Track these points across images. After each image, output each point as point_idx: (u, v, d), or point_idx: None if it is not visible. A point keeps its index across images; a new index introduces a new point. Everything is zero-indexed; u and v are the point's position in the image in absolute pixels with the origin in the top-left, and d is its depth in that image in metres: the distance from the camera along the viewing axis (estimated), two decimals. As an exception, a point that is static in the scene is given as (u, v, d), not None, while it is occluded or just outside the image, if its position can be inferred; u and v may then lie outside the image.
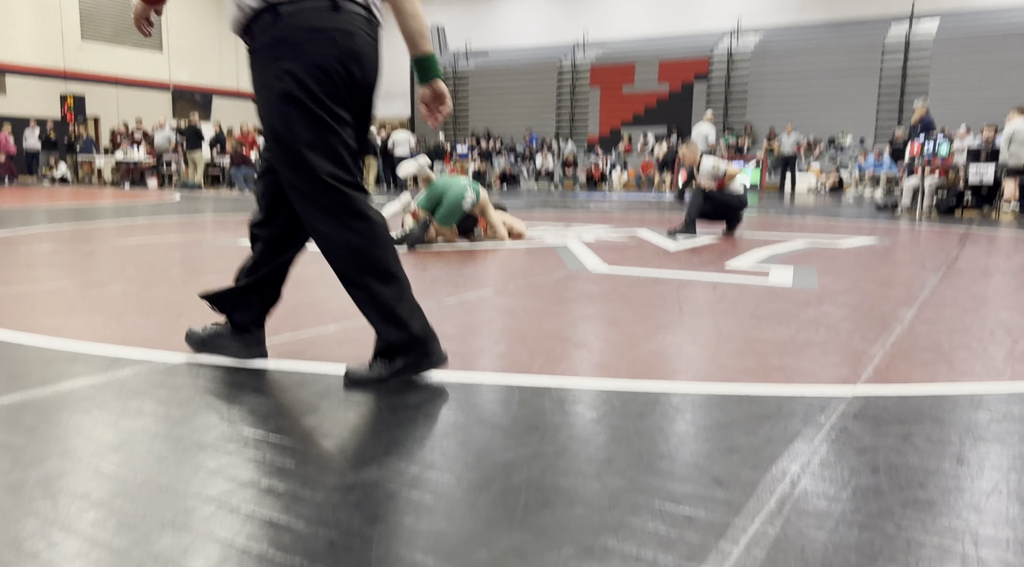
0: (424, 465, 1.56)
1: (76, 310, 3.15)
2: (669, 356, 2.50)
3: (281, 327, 2.85)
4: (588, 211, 10.81)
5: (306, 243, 2.38)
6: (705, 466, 1.57)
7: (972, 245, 6.25)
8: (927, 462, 1.60)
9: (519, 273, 4.40)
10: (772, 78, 22.89)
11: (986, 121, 14.30)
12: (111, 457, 1.59)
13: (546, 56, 26.97)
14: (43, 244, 5.63)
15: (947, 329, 2.93)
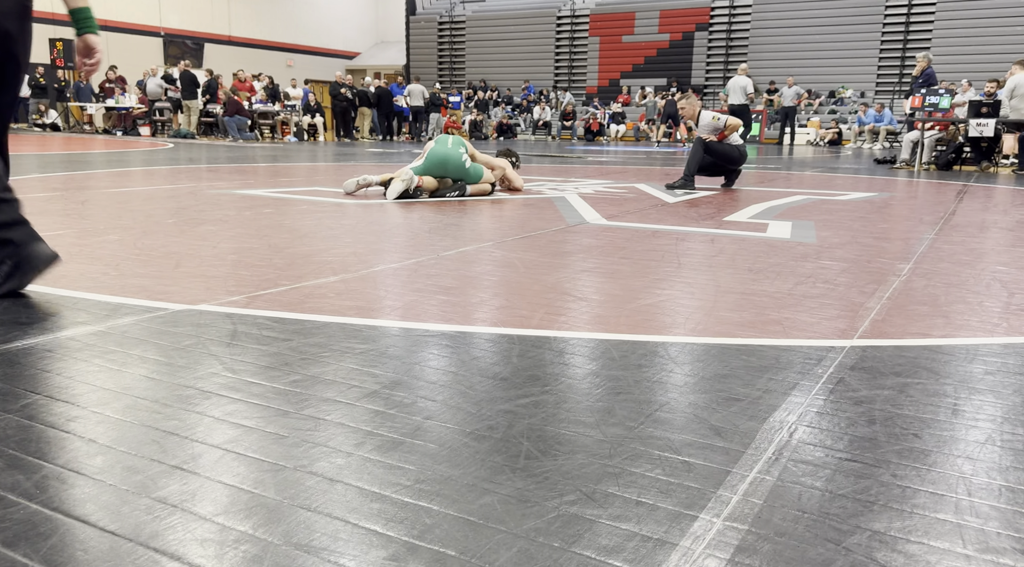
0: (426, 414, 1.58)
1: (74, 258, 3.14)
2: (668, 309, 2.51)
3: (280, 278, 2.85)
4: (586, 164, 10.73)
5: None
6: (704, 416, 1.59)
7: (970, 200, 6.24)
8: (922, 413, 1.62)
9: (517, 226, 4.39)
10: (774, 29, 22.51)
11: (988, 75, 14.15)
12: (115, 404, 1.60)
13: (545, 3, 26.42)
14: (37, 192, 5.57)
15: (944, 283, 2.95)
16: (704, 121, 7.02)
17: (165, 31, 23.54)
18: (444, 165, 5.85)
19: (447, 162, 5.85)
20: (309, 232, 3.96)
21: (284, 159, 10.56)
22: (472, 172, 5.91)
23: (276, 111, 18.29)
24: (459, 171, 5.86)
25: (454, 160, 5.86)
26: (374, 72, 28.24)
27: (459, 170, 5.86)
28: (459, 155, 5.89)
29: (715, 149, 6.98)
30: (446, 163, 5.85)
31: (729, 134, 6.97)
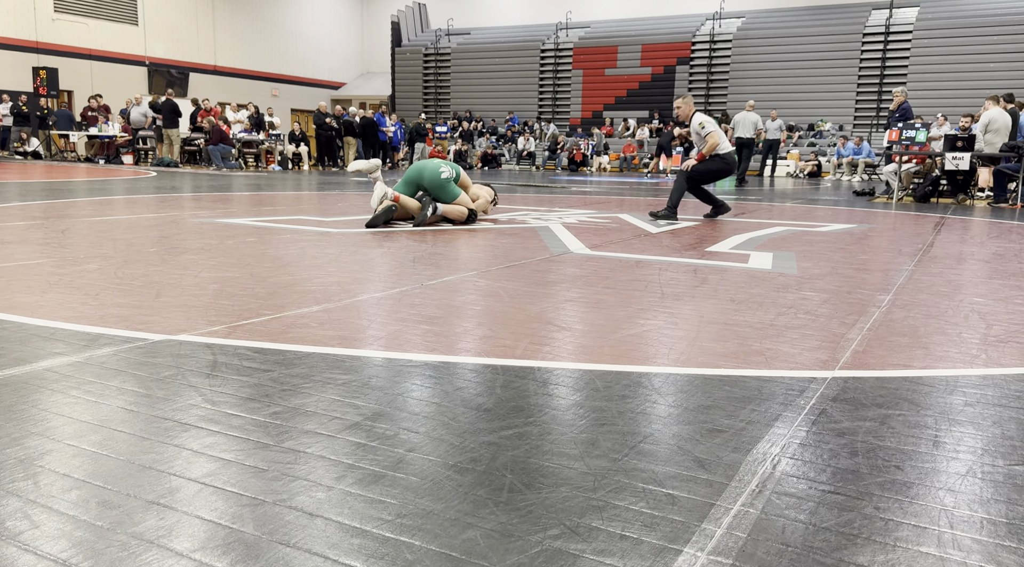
0: (409, 447, 1.56)
1: (52, 288, 3.10)
2: (651, 339, 2.52)
3: (262, 307, 2.83)
4: (570, 194, 10.81)
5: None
6: (687, 448, 1.59)
7: (947, 231, 6.34)
8: (904, 445, 1.63)
9: (502, 255, 4.40)
10: (753, 63, 22.94)
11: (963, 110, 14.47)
12: (92, 436, 1.57)
13: (529, 36, 26.79)
14: (16, 220, 5.52)
15: (923, 314, 2.98)
16: (693, 124, 7.11)
17: (150, 60, 23.59)
18: (420, 174, 5.92)
19: (423, 171, 5.93)
20: (292, 261, 3.94)
21: (268, 188, 10.55)
22: (449, 189, 5.93)
23: (260, 140, 18.31)
24: (433, 181, 5.88)
25: (430, 170, 5.93)
26: (359, 102, 28.41)
27: (434, 180, 5.88)
28: (436, 167, 5.97)
29: (701, 173, 7.06)
30: (422, 172, 5.93)
31: (708, 153, 7.02)
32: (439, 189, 5.91)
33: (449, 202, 5.93)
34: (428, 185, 5.91)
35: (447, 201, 5.93)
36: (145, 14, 23.33)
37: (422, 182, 5.93)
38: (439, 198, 5.94)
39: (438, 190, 5.91)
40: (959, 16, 20.86)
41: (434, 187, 5.90)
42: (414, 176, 5.97)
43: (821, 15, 22.86)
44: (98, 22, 22.13)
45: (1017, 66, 19.41)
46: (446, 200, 5.93)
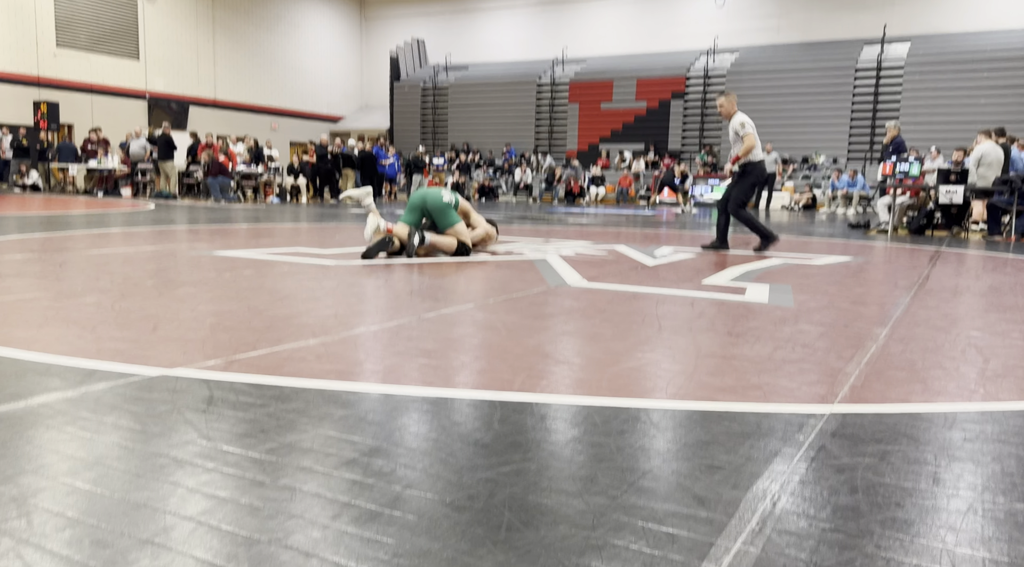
0: (406, 483, 1.55)
1: (49, 322, 3.09)
2: (649, 373, 2.51)
3: (259, 341, 2.83)
4: (567, 226, 10.86)
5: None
6: (687, 485, 1.57)
7: (943, 264, 6.37)
8: (904, 481, 1.62)
9: (499, 287, 4.40)
10: (747, 97, 23.19)
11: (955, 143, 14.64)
12: (87, 474, 1.56)
13: (525, 71, 27.14)
14: (14, 253, 5.53)
15: (920, 348, 2.98)
16: (734, 122, 7.15)
17: (150, 94, 23.83)
18: (423, 199, 6.07)
19: (426, 197, 6.09)
20: (289, 294, 3.94)
21: (266, 220, 10.59)
22: (449, 214, 6.03)
23: (259, 173, 18.42)
24: (436, 205, 6.02)
25: (433, 195, 6.09)
26: (358, 135, 28.66)
27: (437, 204, 6.02)
28: (438, 192, 6.12)
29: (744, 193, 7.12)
30: (425, 197, 6.09)
31: (743, 155, 7.07)
32: (441, 213, 6.02)
33: (448, 227, 6.01)
34: (431, 209, 6.04)
35: (447, 226, 6.03)
36: (147, 49, 23.62)
37: (426, 207, 6.07)
38: (440, 223, 6.03)
39: (440, 214, 6.03)
40: (949, 52, 21.20)
41: (437, 211, 6.03)
42: (418, 202, 6.10)
43: (813, 50, 23.23)
44: (100, 57, 22.39)
45: (1007, 101, 19.69)
46: (446, 225, 6.03)
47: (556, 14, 27.67)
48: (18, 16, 20.43)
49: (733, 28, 24.63)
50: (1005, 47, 20.47)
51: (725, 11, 24.38)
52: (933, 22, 22.26)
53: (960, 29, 21.88)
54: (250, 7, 26.89)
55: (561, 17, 27.58)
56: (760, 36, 24.49)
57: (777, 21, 24.34)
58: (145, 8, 23.45)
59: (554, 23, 27.66)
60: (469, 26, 29.37)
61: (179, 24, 24.53)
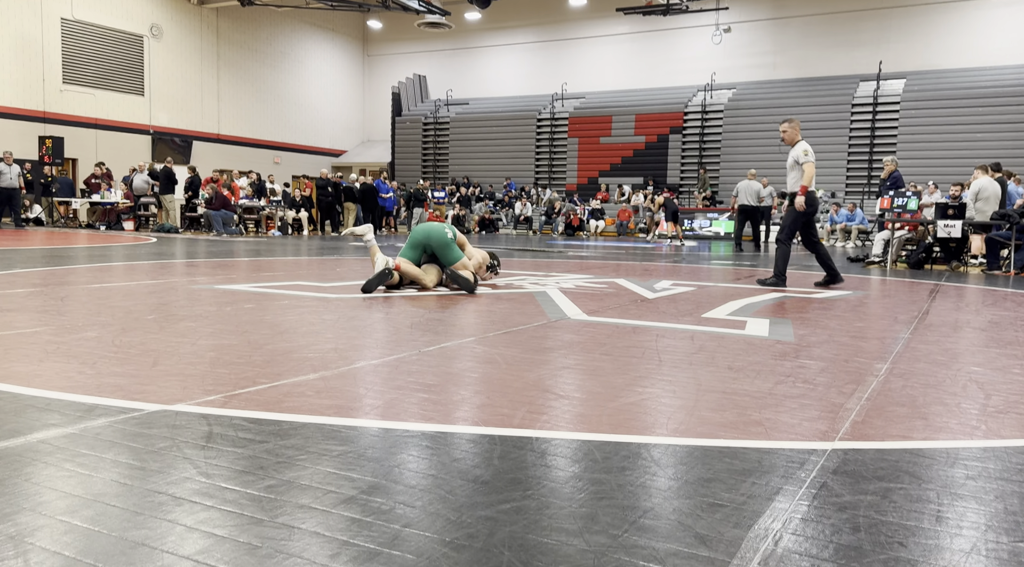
0: (405, 522, 1.54)
1: (49, 356, 3.09)
2: (650, 408, 2.51)
3: (259, 376, 2.82)
4: (567, 258, 10.90)
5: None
6: (688, 523, 1.56)
7: (942, 299, 6.38)
8: (906, 519, 1.61)
9: (499, 321, 4.41)
10: (745, 132, 23.47)
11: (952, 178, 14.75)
12: (85, 512, 1.55)
13: (525, 106, 27.48)
14: (15, 288, 5.54)
15: (921, 384, 2.98)
16: (797, 150, 7.08)
17: (154, 129, 24.08)
18: (427, 236, 6.05)
19: (429, 233, 6.08)
20: (290, 328, 3.95)
21: (267, 253, 10.63)
22: (453, 250, 6.04)
23: (262, 206, 18.54)
24: (441, 241, 6.00)
25: (436, 230, 6.09)
26: (359, 169, 28.91)
27: (441, 240, 6.00)
28: (441, 228, 6.13)
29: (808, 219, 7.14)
30: (428, 233, 6.07)
31: (808, 184, 6.97)
32: (444, 249, 6.02)
33: (452, 263, 6.02)
34: (435, 245, 6.03)
35: (451, 262, 6.02)
36: (151, 85, 23.94)
37: (429, 243, 6.06)
38: (443, 259, 6.04)
39: (444, 249, 6.02)
40: (944, 88, 21.48)
41: (440, 247, 6.02)
42: (421, 238, 6.09)
43: (810, 86, 23.53)
44: (105, 93, 22.69)
45: (1003, 136, 19.90)
46: (450, 261, 6.03)
47: (556, 51, 28.10)
48: (26, 53, 20.75)
49: (730, 64, 24.99)
50: (999, 84, 20.75)
51: (722, 48, 24.75)
52: (928, 59, 22.59)
53: (954, 66, 22.20)
54: (254, 44, 27.32)
55: (561, 54, 28.00)
56: (757, 72, 24.83)
57: (774, 58, 24.70)
58: (151, 45, 23.81)
59: (554, 59, 28.07)
60: (470, 62, 29.82)
61: (184, 61, 24.90)
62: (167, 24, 24.25)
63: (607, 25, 26.69)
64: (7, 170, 17.56)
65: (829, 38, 23.81)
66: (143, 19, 23.50)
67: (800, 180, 7.02)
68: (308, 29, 29.34)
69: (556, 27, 27.96)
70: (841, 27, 23.60)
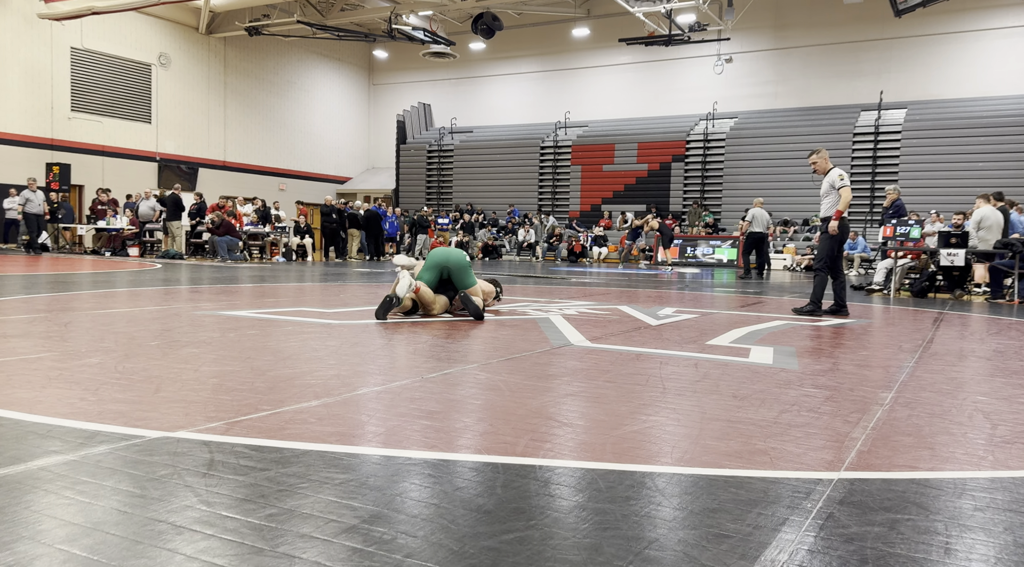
0: (406, 552, 1.52)
1: (52, 382, 3.09)
2: (654, 436, 2.49)
3: (261, 402, 2.82)
4: (569, 285, 10.90)
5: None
6: (694, 554, 1.55)
7: (946, 327, 6.35)
8: (914, 551, 1.59)
9: (502, 347, 4.40)
10: (747, 161, 23.61)
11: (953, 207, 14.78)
12: (84, 540, 1.54)
13: (529, 134, 27.70)
14: (19, 314, 5.56)
15: (927, 413, 2.96)
16: (832, 176, 7.11)
17: (161, 156, 24.30)
18: (447, 258, 6.09)
19: (448, 256, 6.12)
20: (293, 354, 3.94)
21: (271, 280, 10.65)
22: (471, 274, 6.13)
23: (266, 232, 18.64)
24: (460, 265, 6.06)
25: (456, 255, 6.15)
26: (364, 196, 29.10)
27: (460, 264, 6.07)
28: (461, 252, 6.22)
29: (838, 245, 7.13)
30: (448, 257, 6.12)
31: (844, 209, 7.01)
32: (463, 272, 6.08)
33: (467, 287, 6.08)
34: (453, 268, 6.07)
35: (466, 287, 6.08)
36: (159, 113, 24.20)
37: (448, 265, 6.09)
38: (460, 283, 6.09)
39: (462, 273, 6.07)
40: (945, 118, 21.62)
41: (459, 270, 6.07)
42: (440, 260, 6.12)
43: (811, 115, 23.70)
44: (113, 120, 22.93)
45: (1004, 165, 19.98)
46: (466, 285, 6.09)
47: (559, 80, 28.38)
48: (35, 82, 21.02)
49: (732, 94, 25.21)
50: (1000, 114, 20.88)
51: (724, 77, 24.98)
52: (928, 89, 22.76)
53: (955, 95, 22.35)
54: (261, 74, 27.65)
55: (564, 83, 28.28)
56: (759, 101, 25.03)
57: (775, 87, 24.91)
58: (159, 74, 24.11)
59: (557, 88, 28.35)
60: (474, 91, 30.12)
61: (191, 89, 25.19)
62: (175, 53, 24.58)
63: (610, 55, 26.99)
64: (33, 197, 17.61)
65: (830, 68, 24.03)
66: (152, 48, 23.83)
67: (835, 205, 7.09)
68: (315, 59, 29.72)
69: (559, 57, 28.28)
70: (842, 57, 23.83)
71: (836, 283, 7.33)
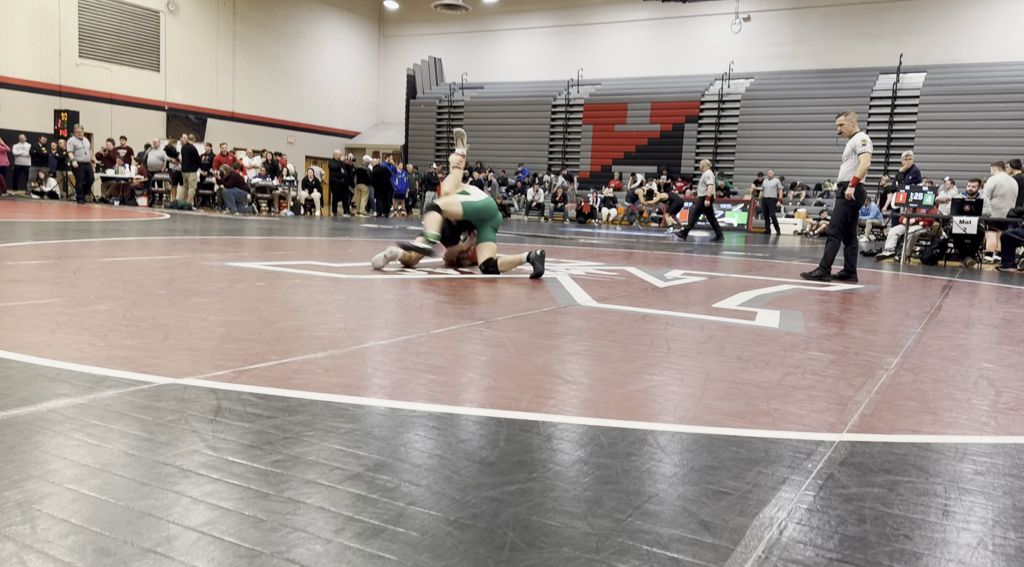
0: (409, 500, 1.55)
1: (61, 328, 3.12)
2: (657, 395, 2.50)
3: (268, 352, 2.83)
4: (578, 245, 10.87)
5: None
6: (693, 510, 1.56)
7: (955, 295, 6.33)
8: (913, 513, 1.60)
9: (508, 305, 4.40)
10: (761, 123, 23.28)
11: (969, 174, 14.60)
12: (92, 481, 1.56)
13: (540, 92, 27.34)
14: (29, 259, 5.58)
15: (931, 378, 2.96)
16: (855, 140, 7.09)
17: (169, 106, 24.13)
18: (495, 213, 6.36)
19: (497, 212, 6.42)
20: (300, 306, 3.96)
21: (279, 233, 10.66)
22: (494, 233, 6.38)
23: (275, 185, 18.58)
24: (499, 221, 6.39)
25: (498, 213, 6.45)
26: (373, 151, 28.91)
27: (498, 221, 6.38)
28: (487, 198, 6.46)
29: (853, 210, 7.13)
30: (496, 212, 6.39)
31: (861, 176, 7.00)
32: (492, 228, 6.31)
33: (485, 241, 6.28)
34: (493, 222, 6.32)
35: (487, 240, 6.27)
36: (167, 61, 23.96)
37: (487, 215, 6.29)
38: (485, 235, 6.28)
39: (490, 229, 6.30)
40: (965, 83, 21.21)
41: (491, 226, 6.32)
42: (492, 209, 6.35)
43: (829, 78, 23.28)
44: (121, 67, 22.73)
45: (1022, 132, 19.63)
46: (487, 240, 6.27)
47: (572, 36, 27.90)
48: (43, 26, 20.79)
49: (749, 54, 24.75)
50: (1020, 79, 20.45)
51: (741, 37, 24.51)
52: (949, 52, 22.29)
53: (976, 60, 21.90)
54: (270, 23, 27.26)
55: (577, 39, 27.80)
56: (776, 62, 24.59)
57: (793, 48, 24.44)
58: (167, 21, 23.80)
59: (570, 45, 27.88)
60: (486, 46, 29.66)
61: (200, 37, 24.88)
62: (184, 0, 24.22)
63: (626, 11, 26.47)
64: (80, 145, 17.33)
65: (850, 29, 23.52)
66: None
67: (853, 170, 7.02)
68: (324, 8, 29.25)
69: (573, 12, 27.76)
70: (862, 18, 23.31)
71: (848, 249, 7.30)
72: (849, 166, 7.14)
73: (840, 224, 7.23)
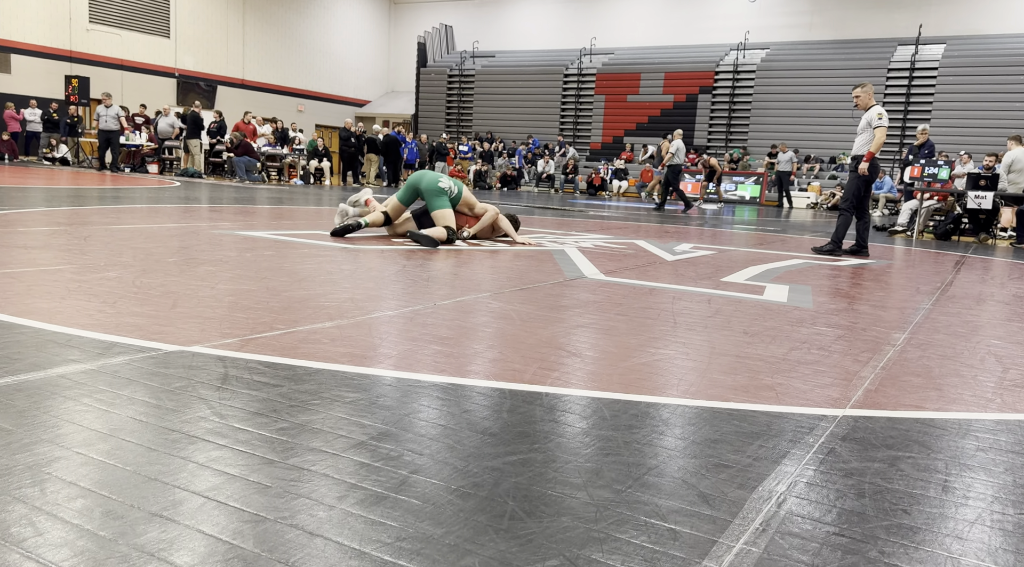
0: (412, 468, 1.56)
1: (71, 294, 3.14)
2: (661, 369, 2.51)
3: (276, 321, 2.86)
4: (587, 218, 10.83)
5: None
6: (693, 482, 1.57)
7: (967, 271, 6.28)
8: (912, 488, 1.61)
9: (516, 277, 4.41)
10: (776, 94, 22.97)
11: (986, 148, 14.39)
12: (101, 445, 1.59)
13: (552, 60, 27.02)
14: (40, 226, 5.62)
15: (938, 355, 2.95)
16: (871, 113, 7.03)
17: (179, 72, 24.02)
18: (420, 179, 6.19)
19: (423, 177, 6.20)
20: (308, 276, 3.97)
21: (289, 202, 10.66)
22: (439, 201, 6.06)
23: (284, 154, 18.54)
24: (430, 187, 6.09)
25: (429, 177, 6.20)
26: (383, 120, 28.74)
27: (431, 187, 6.09)
28: (436, 176, 6.23)
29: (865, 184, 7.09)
30: (422, 177, 6.20)
31: (876, 150, 6.95)
32: (432, 196, 6.09)
33: (434, 210, 6.08)
34: (424, 190, 6.12)
35: (434, 209, 6.10)
36: (177, 27, 23.80)
37: (420, 186, 6.16)
38: (430, 205, 6.13)
39: (430, 197, 6.10)
40: (985, 55, 20.81)
41: (428, 193, 6.10)
42: (414, 182, 6.23)
43: (846, 49, 22.90)
44: (131, 33, 22.60)
45: (1043, 106, 19.30)
46: (434, 208, 6.10)
47: (585, 4, 27.50)
48: (53, -10, 20.66)
49: (765, 23, 24.35)
50: (1043, 51, 20.05)
51: (757, 6, 24.09)
52: (970, 23, 21.85)
53: (998, 31, 21.45)
54: (281, -12, 26.99)
55: (590, 7, 27.40)
56: (792, 32, 24.19)
57: (810, 18, 24.02)
58: (177, -14, 23.59)
59: (583, 13, 27.49)
60: (497, 13, 29.28)
61: (210, 3, 24.67)
62: (193, -35, 23.99)
63: (640, -22, 26.01)
64: (105, 112, 17.19)
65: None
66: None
67: (868, 144, 6.95)
68: (335, -26, 28.90)
69: (587, -21, 27.31)
70: (882, -13, 22.84)
71: (860, 223, 7.24)
72: (864, 139, 7.06)
73: (853, 198, 7.17)
